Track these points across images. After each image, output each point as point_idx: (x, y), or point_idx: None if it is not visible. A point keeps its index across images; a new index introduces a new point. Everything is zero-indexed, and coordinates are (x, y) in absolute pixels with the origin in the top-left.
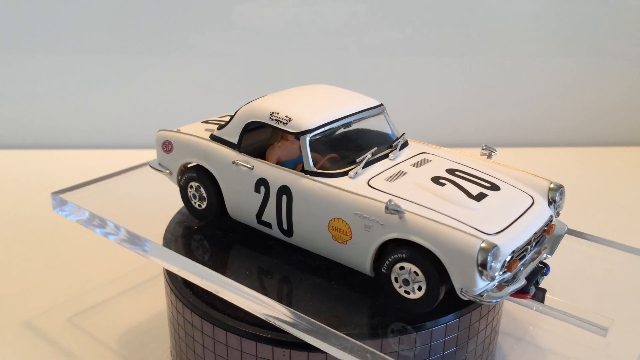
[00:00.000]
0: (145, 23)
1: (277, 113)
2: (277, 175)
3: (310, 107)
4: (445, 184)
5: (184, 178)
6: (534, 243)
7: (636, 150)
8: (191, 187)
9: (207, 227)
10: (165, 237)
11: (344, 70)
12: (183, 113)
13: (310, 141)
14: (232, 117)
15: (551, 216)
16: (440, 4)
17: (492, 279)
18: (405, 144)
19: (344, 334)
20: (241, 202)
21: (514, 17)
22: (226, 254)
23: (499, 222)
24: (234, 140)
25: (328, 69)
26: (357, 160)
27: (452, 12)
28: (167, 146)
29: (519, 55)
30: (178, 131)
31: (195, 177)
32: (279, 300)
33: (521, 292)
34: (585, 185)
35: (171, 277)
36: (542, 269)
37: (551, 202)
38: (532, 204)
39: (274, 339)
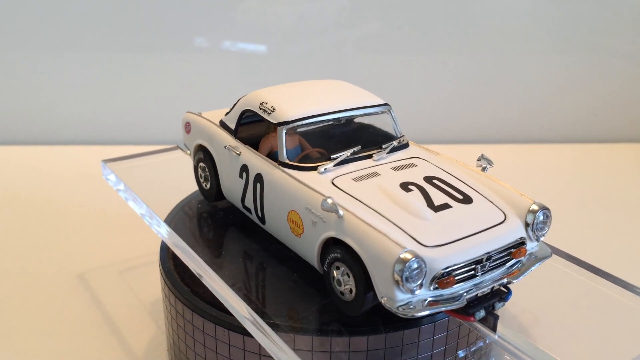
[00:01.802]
0: (150, 23)
1: (266, 103)
2: (256, 163)
3: (300, 100)
4: (411, 191)
5: (196, 158)
6: (487, 263)
7: (633, 147)
8: (200, 167)
9: (212, 207)
10: (170, 213)
11: (342, 68)
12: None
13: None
14: (235, 104)
15: (521, 238)
16: (438, 2)
17: (412, 292)
18: (404, 146)
19: (269, 322)
20: (230, 185)
21: (512, 14)
22: (218, 233)
23: (446, 235)
24: (232, 126)
25: (326, 67)
26: (332, 157)
27: (449, 9)
28: (187, 127)
29: (516, 52)
30: (199, 114)
31: (202, 158)
32: (233, 283)
33: (464, 314)
34: (582, 182)
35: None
36: (502, 294)
37: (528, 224)
38: (502, 222)
39: (217, 317)
